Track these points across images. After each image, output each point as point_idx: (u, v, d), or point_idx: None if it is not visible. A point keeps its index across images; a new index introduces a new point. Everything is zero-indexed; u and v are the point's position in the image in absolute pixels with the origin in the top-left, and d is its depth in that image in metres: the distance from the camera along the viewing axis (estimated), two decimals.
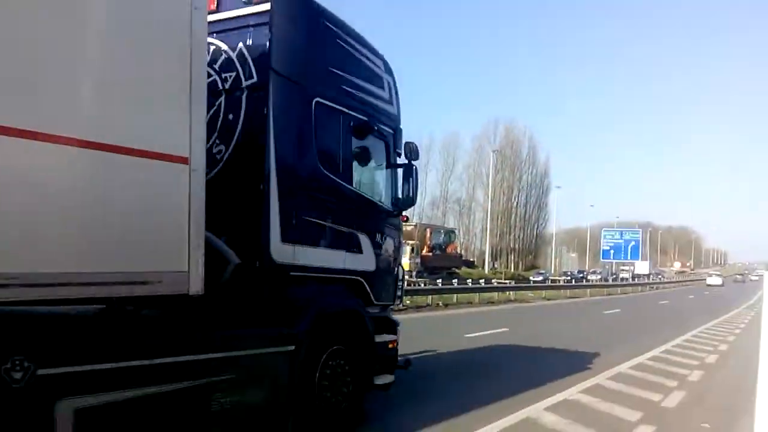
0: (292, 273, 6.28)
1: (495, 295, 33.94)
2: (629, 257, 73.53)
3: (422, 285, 34.50)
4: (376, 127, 7.62)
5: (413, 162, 8.06)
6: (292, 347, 6.05)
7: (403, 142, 8.22)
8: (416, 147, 8.20)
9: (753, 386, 10.36)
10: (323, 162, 6.74)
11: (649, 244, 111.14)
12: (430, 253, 54.03)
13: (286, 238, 6.16)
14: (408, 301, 26.19)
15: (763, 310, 3.98)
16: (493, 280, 45.16)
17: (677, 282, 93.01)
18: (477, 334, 17.05)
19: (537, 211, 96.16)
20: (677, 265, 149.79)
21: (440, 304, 27.54)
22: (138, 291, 4.59)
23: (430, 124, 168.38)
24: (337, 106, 7.02)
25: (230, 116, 6.24)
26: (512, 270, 75.45)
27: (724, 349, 16.05)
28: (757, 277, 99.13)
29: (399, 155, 8.22)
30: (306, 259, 6.47)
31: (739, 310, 33.00)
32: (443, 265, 52.25)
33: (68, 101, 4.20)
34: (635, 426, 7.85)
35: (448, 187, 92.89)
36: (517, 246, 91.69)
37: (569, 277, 65.80)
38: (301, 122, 6.47)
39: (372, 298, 7.67)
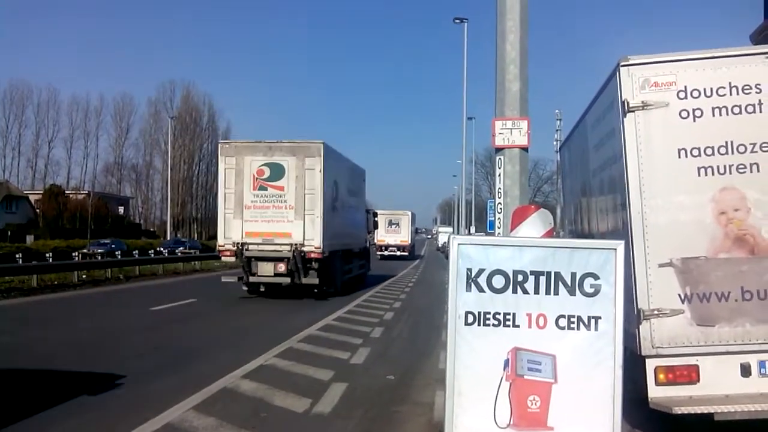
0: None
1: (180, 265, 32.90)
2: None
3: (99, 258, 32.03)
4: None
5: None
6: None
7: None
8: None
9: (424, 342, 11.51)
10: None
11: None
12: None
13: None
14: (84, 276, 24.21)
15: (450, 272, 4.34)
16: (177, 251, 43.79)
17: None
18: (163, 306, 16.36)
19: None
20: None
21: (121, 278, 25.83)
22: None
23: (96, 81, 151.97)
24: None
25: None
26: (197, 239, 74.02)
27: (398, 306, 17.64)
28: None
29: None
30: None
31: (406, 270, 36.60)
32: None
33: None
34: (329, 385, 8.11)
35: (122, 153, 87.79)
36: (199, 215, 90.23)
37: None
38: None
39: None
